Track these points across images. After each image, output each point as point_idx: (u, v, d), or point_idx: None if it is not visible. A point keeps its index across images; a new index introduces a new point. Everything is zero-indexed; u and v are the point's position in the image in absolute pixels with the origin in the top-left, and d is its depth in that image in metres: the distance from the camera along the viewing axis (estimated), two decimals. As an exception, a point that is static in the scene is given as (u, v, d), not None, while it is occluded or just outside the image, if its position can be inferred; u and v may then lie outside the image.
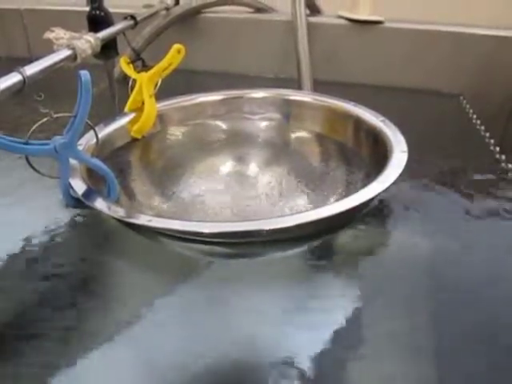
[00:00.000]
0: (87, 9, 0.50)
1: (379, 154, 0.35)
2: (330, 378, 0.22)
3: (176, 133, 0.42)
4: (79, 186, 0.29)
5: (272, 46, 0.60)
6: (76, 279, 0.27)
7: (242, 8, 0.62)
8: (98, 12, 0.46)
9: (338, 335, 0.24)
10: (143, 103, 0.40)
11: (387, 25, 0.56)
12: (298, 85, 0.52)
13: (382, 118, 0.37)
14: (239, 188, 0.38)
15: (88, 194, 0.28)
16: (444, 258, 0.30)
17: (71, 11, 0.64)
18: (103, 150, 0.36)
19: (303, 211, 0.26)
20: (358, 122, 0.38)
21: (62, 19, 0.64)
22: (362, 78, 0.58)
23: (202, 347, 0.24)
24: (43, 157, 0.29)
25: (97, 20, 0.46)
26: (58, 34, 0.28)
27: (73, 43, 0.28)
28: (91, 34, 0.32)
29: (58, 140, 0.27)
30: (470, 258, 0.30)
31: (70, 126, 0.27)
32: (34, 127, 0.26)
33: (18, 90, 0.23)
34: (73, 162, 0.29)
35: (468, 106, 0.52)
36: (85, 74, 0.26)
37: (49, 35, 0.28)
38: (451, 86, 0.56)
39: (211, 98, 0.44)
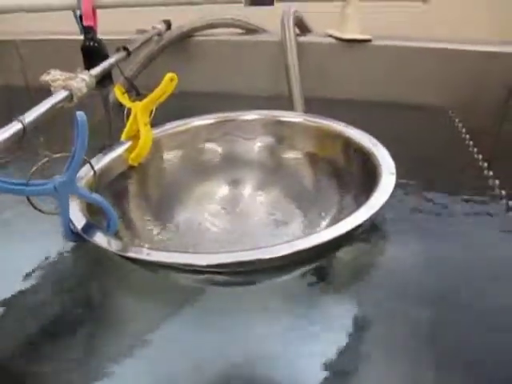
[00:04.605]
0: (81, 37, 0.51)
1: (369, 176, 0.35)
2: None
3: (171, 158, 0.43)
4: (79, 220, 0.30)
5: (263, 65, 0.61)
6: (76, 312, 0.28)
7: (233, 30, 0.63)
8: (91, 43, 0.47)
9: (339, 360, 0.25)
10: (139, 131, 0.41)
11: (375, 43, 0.57)
12: (289, 105, 0.53)
13: (373, 140, 0.38)
14: (235, 213, 0.38)
15: (88, 228, 0.29)
16: (437, 274, 0.31)
17: (65, 40, 0.65)
18: (102, 179, 0.37)
19: (297, 239, 0.26)
20: (349, 144, 0.39)
21: (57, 48, 0.65)
22: (352, 94, 0.59)
23: (202, 375, 0.24)
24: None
25: (91, 50, 0.47)
26: (54, 75, 0.29)
27: (68, 84, 0.29)
28: (85, 72, 0.33)
29: (58, 179, 0.28)
30: (460, 271, 0.31)
31: (69, 165, 0.28)
32: (33, 169, 0.27)
33: (18, 139, 0.24)
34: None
35: (457, 120, 0.53)
36: (81, 116, 0.27)
37: (45, 77, 0.29)
38: (439, 100, 0.57)
39: (204, 122, 0.45)
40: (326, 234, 0.27)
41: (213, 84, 0.63)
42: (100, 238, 0.28)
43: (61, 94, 0.29)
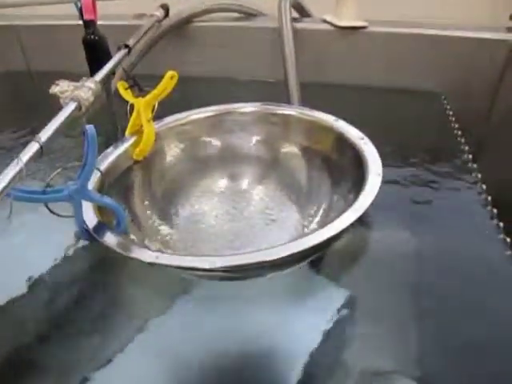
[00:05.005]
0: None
1: (359, 172, 0.38)
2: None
3: (172, 152, 0.45)
4: (91, 221, 0.33)
5: (262, 50, 0.63)
6: (87, 300, 0.33)
7: (231, 14, 0.64)
8: (92, 37, 0.48)
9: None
10: (142, 126, 0.43)
11: (370, 29, 0.58)
12: (287, 90, 0.55)
13: (365, 138, 0.40)
14: (235, 209, 0.41)
15: (99, 228, 0.32)
16: (422, 260, 0.35)
17: (65, 25, 0.65)
18: (110, 175, 0.39)
19: (293, 240, 0.29)
20: (340, 139, 0.41)
21: (58, 33, 0.66)
22: (347, 80, 0.61)
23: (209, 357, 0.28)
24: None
25: (92, 44, 0.49)
26: (62, 87, 0.31)
27: (76, 95, 0.31)
28: (91, 79, 0.35)
29: (71, 186, 0.30)
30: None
31: (80, 174, 0.30)
32: (49, 178, 0.29)
33: (38, 157, 0.26)
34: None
35: (448, 107, 0.55)
36: (91, 129, 0.29)
37: (54, 89, 0.31)
38: (433, 85, 0.59)
39: (202, 115, 0.47)
40: (317, 236, 0.29)
41: (211, 68, 0.65)
42: (110, 239, 0.31)
43: (70, 107, 0.31)
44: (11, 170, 0.23)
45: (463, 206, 0.39)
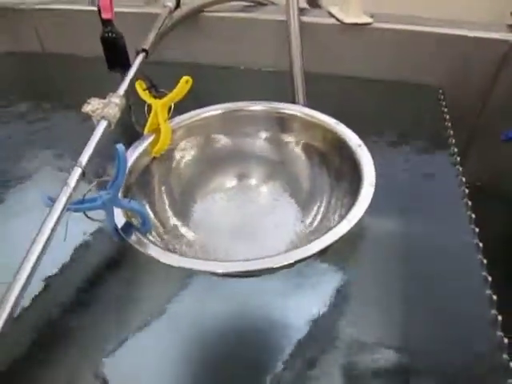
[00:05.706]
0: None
1: (354, 177, 0.42)
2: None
3: (186, 150, 0.49)
4: (121, 222, 0.38)
5: (269, 41, 0.65)
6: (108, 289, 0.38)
7: (242, 3, 0.65)
8: (110, 34, 0.51)
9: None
10: (159, 124, 0.47)
11: (375, 25, 0.60)
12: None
13: (360, 143, 0.44)
14: (244, 207, 0.46)
15: (128, 230, 0.37)
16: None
17: (78, 10, 0.67)
18: (132, 174, 0.43)
19: (299, 247, 0.34)
20: (339, 142, 0.45)
21: (71, 17, 0.67)
22: (351, 72, 0.64)
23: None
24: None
25: (109, 41, 0.51)
26: (93, 105, 0.34)
27: (105, 113, 0.35)
28: (116, 94, 0.38)
29: (105, 196, 0.35)
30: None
31: (112, 184, 0.35)
32: (87, 191, 0.34)
33: (81, 179, 0.31)
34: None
35: (444, 104, 0.58)
36: (120, 147, 0.33)
37: (86, 108, 0.35)
38: (431, 80, 0.61)
39: (213, 113, 0.50)
40: (316, 245, 0.34)
41: (221, 57, 0.67)
42: (138, 240, 0.36)
43: (102, 126, 0.34)
44: (63, 197, 0.28)
45: (442, 201, 0.44)
